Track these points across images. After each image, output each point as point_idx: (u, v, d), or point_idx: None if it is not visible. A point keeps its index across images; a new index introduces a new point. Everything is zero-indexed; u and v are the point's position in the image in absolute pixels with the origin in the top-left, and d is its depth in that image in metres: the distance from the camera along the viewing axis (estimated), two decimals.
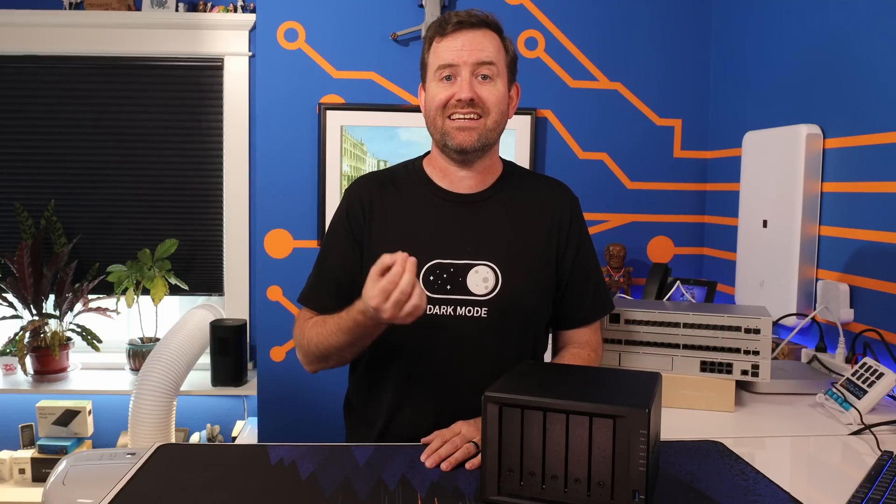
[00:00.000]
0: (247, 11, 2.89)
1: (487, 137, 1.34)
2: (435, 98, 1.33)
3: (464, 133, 1.32)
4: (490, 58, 1.32)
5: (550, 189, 1.46)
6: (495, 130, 1.35)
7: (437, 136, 1.36)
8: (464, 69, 1.31)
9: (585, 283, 1.43)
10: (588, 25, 2.66)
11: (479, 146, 1.34)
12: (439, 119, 1.34)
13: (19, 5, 2.85)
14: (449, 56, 1.32)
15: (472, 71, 1.31)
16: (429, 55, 1.37)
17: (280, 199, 2.65)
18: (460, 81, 1.31)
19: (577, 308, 1.43)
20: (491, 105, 1.33)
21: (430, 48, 1.37)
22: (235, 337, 2.77)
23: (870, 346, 1.72)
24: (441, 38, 1.34)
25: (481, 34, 1.33)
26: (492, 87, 1.33)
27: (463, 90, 1.30)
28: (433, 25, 1.36)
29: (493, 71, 1.33)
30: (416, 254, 1.33)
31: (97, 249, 3.00)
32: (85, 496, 1.90)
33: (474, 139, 1.33)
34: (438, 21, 1.35)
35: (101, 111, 2.96)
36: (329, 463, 1.13)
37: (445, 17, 1.34)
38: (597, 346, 1.46)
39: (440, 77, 1.33)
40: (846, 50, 1.90)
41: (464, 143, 1.32)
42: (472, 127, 1.32)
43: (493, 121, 1.34)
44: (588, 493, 0.94)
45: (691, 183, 2.72)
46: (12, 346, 2.78)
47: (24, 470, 2.77)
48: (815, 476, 1.25)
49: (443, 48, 1.33)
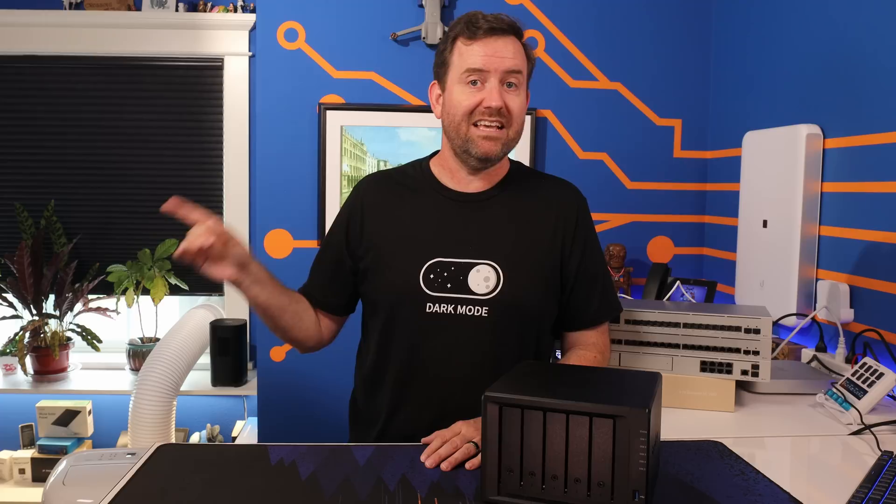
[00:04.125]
0: (247, 11, 2.89)
1: (509, 147, 1.36)
2: (462, 103, 1.32)
3: (489, 143, 1.32)
4: (518, 66, 1.32)
5: (557, 188, 1.45)
6: (515, 140, 1.36)
7: (460, 141, 1.34)
8: (493, 76, 1.30)
9: (592, 284, 1.41)
10: (588, 25, 2.66)
11: (502, 155, 1.36)
12: (464, 125, 1.32)
13: (19, 5, 2.85)
14: (479, 61, 1.30)
15: (501, 79, 1.31)
16: (453, 55, 1.34)
17: (280, 199, 2.65)
18: (489, 88, 1.30)
19: (583, 310, 1.42)
20: (516, 115, 1.33)
21: (453, 48, 1.34)
22: (235, 337, 2.77)
23: (870, 346, 1.72)
24: (469, 41, 1.31)
25: (510, 41, 1.32)
26: (517, 95, 1.33)
27: (493, 98, 1.29)
28: (459, 24, 1.33)
29: (519, 79, 1.33)
30: (417, 252, 1.35)
31: (97, 249, 3.00)
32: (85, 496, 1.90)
33: (498, 149, 1.33)
34: (465, 21, 1.32)
35: (102, 111, 2.96)
36: (329, 463, 1.13)
37: (473, 19, 1.31)
38: (604, 347, 1.44)
39: (467, 80, 1.31)
40: (846, 50, 1.90)
41: (489, 152, 1.33)
42: (497, 137, 1.32)
43: (515, 131, 1.35)
44: (588, 493, 0.94)
45: (691, 183, 2.73)
46: (12, 346, 2.78)
47: (24, 470, 2.77)
48: (815, 476, 1.25)
49: (472, 52, 1.31)
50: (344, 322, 1.51)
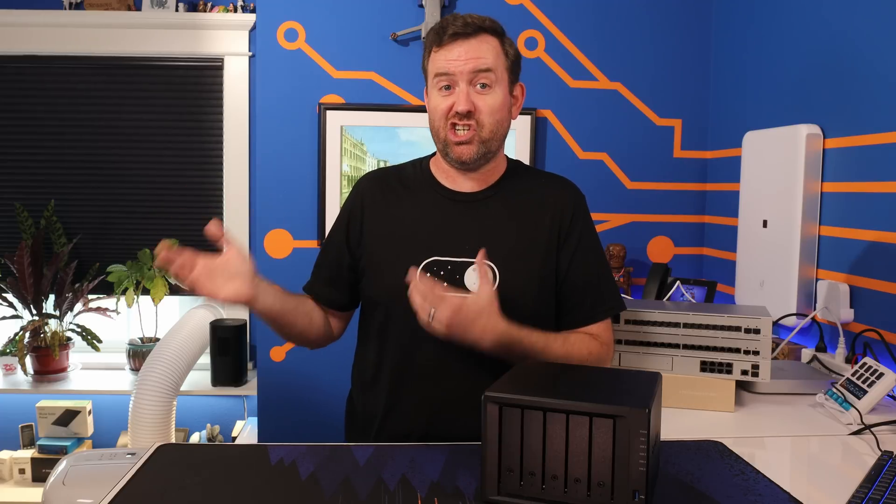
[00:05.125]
0: (247, 11, 2.90)
1: (487, 147, 1.35)
2: (437, 109, 1.35)
3: (462, 147, 1.34)
4: (488, 65, 1.32)
5: (553, 186, 1.45)
6: (493, 140, 1.36)
7: (440, 145, 1.38)
8: (461, 79, 1.32)
9: (586, 281, 1.40)
10: (588, 25, 2.66)
11: (478, 157, 1.36)
12: (442, 130, 1.35)
13: (19, 5, 2.85)
14: (445, 66, 1.32)
15: (470, 80, 1.32)
16: (427, 62, 1.38)
17: (280, 199, 2.65)
18: (458, 92, 1.32)
19: (577, 307, 1.40)
20: (486, 114, 1.33)
21: (428, 56, 1.38)
22: (235, 337, 2.77)
23: (870, 346, 1.72)
24: (438, 48, 1.34)
25: (478, 42, 1.32)
26: (489, 95, 1.33)
27: (460, 102, 1.31)
28: (431, 32, 1.36)
29: (491, 78, 1.33)
30: (414, 251, 1.36)
31: (97, 249, 3.00)
32: (85, 496, 1.90)
33: (473, 152, 1.34)
34: (436, 28, 1.35)
35: (102, 111, 2.96)
36: (329, 463, 1.13)
37: (443, 26, 1.33)
38: (608, 340, 1.41)
39: (439, 86, 1.34)
40: (846, 50, 1.90)
41: (462, 156, 1.35)
42: (470, 139, 1.33)
43: (490, 131, 1.34)
44: (588, 493, 0.94)
45: (691, 183, 2.73)
46: (12, 346, 2.78)
47: (24, 470, 2.77)
48: (815, 476, 1.25)
49: (440, 58, 1.33)
50: (350, 317, 1.53)
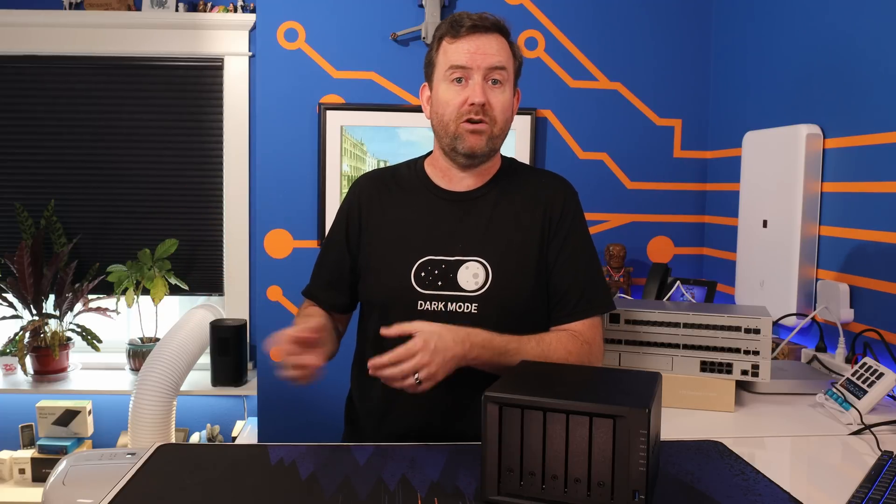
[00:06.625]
0: (247, 11, 2.89)
1: (495, 143, 1.37)
2: (449, 102, 1.34)
3: (475, 137, 1.34)
4: (502, 63, 1.34)
5: (545, 182, 1.45)
6: (501, 137, 1.37)
7: (448, 139, 1.36)
8: (476, 73, 1.32)
9: (573, 277, 1.37)
10: (588, 25, 2.66)
11: (488, 150, 1.36)
12: (453, 123, 1.34)
13: (19, 5, 2.85)
14: (462, 58, 1.32)
15: (485, 75, 1.32)
16: (438, 54, 1.37)
17: (280, 199, 2.65)
18: (472, 85, 1.32)
19: (561, 304, 1.38)
20: (499, 111, 1.34)
21: (439, 47, 1.36)
22: (235, 337, 2.77)
23: (870, 346, 1.72)
24: (453, 40, 1.34)
25: (494, 39, 1.34)
26: (501, 92, 1.35)
27: (476, 94, 1.31)
28: (444, 24, 1.36)
29: (503, 76, 1.34)
30: (409, 251, 1.37)
31: (97, 249, 3.00)
32: (85, 496, 1.90)
33: (483, 143, 1.34)
34: (450, 21, 1.35)
35: (102, 111, 2.96)
36: (329, 463, 1.13)
37: (458, 19, 1.34)
38: (590, 339, 1.37)
39: (451, 78, 1.34)
40: (846, 50, 1.90)
41: (474, 146, 1.34)
42: (482, 131, 1.34)
43: (500, 128, 1.36)
44: (588, 493, 0.94)
45: (691, 183, 2.72)
46: (12, 346, 2.78)
47: (24, 470, 2.77)
48: (815, 476, 1.25)
49: (455, 50, 1.33)
50: (350, 317, 1.55)
